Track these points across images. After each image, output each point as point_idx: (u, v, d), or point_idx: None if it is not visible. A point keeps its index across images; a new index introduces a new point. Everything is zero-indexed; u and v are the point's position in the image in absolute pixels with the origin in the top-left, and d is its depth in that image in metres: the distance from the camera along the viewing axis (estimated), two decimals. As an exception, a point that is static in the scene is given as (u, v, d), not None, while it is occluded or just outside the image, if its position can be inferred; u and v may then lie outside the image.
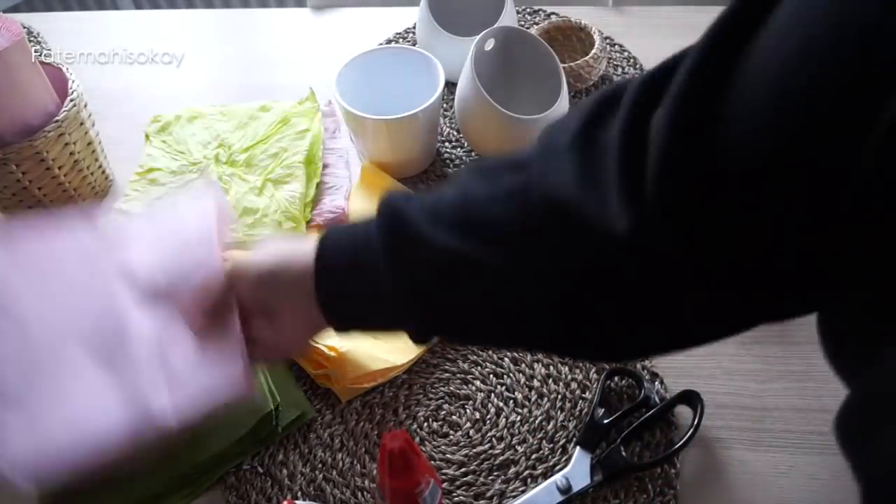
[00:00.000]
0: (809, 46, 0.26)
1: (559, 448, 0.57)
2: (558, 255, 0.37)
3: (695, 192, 0.31)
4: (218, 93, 0.89)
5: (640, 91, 0.34)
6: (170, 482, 0.55)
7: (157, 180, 0.76)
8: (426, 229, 0.40)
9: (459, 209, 0.40)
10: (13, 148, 0.65)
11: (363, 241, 0.43)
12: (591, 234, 0.35)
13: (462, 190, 0.41)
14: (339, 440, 0.58)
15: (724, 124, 0.29)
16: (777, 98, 0.27)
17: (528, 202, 0.38)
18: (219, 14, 1.10)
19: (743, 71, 0.29)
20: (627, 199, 0.32)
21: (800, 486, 0.54)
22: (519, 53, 0.78)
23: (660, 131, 0.31)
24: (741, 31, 0.29)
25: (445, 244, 0.39)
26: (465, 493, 0.55)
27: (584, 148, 0.36)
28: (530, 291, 0.39)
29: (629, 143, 0.33)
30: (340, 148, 0.80)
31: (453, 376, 0.61)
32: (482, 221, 0.39)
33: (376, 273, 0.42)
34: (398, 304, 0.43)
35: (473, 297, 0.41)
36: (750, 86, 0.28)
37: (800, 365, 0.60)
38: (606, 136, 0.35)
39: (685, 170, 0.30)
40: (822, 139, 0.26)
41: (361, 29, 0.96)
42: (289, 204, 0.71)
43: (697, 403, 0.55)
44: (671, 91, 0.31)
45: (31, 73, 0.67)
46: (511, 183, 0.39)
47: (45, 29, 0.99)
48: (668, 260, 0.33)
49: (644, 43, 0.90)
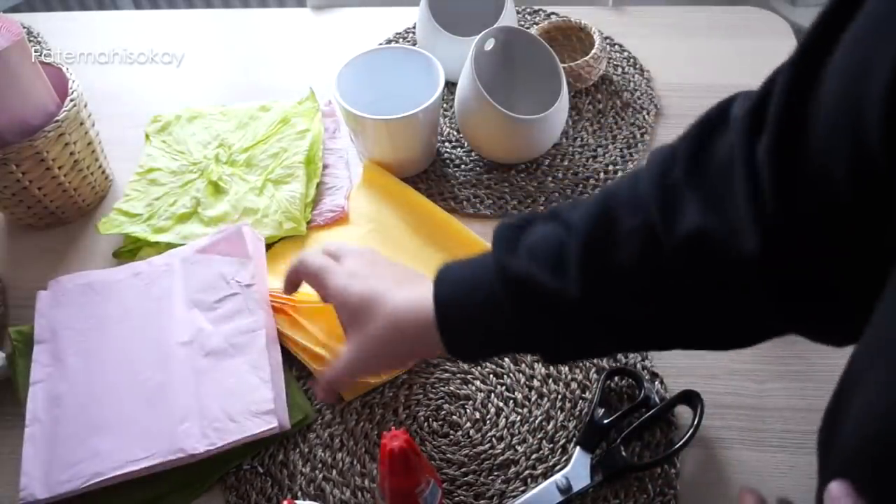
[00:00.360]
0: (860, 67, 0.28)
1: (559, 448, 0.57)
2: (690, 283, 0.40)
3: (800, 211, 0.33)
4: (218, 93, 0.89)
5: (747, 121, 0.37)
6: (170, 482, 0.55)
7: (157, 180, 0.76)
8: (550, 282, 0.43)
9: (581, 253, 0.42)
10: (13, 148, 0.65)
11: (487, 301, 0.45)
12: (723, 259, 0.37)
13: (579, 231, 0.43)
14: (339, 440, 0.58)
15: (813, 142, 0.32)
16: (836, 119, 0.30)
17: (653, 241, 0.40)
18: (219, 14, 1.10)
19: (820, 94, 0.32)
20: (756, 222, 0.35)
21: (800, 486, 0.54)
22: (519, 53, 0.78)
23: (766, 160, 0.34)
24: (822, 49, 0.32)
25: (572, 292, 0.42)
26: (465, 493, 0.55)
27: (700, 180, 0.39)
28: (659, 321, 0.43)
29: (752, 171, 0.35)
30: (340, 148, 0.80)
31: (453, 376, 0.61)
32: (606, 265, 0.42)
33: (506, 333, 0.46)
34: (525, 349, 0.51)
35: (599, 333, 0.45)
36: (823, 107, 0.31)
37: (800, 365, 0.60)
38: (720, 161, 0.38)
39: (791, 193, 0.33)
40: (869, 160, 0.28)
41: (361, 29, 0.96)
42: (289, 204, 0.71)
43: (697, 403, 0.55)
44: (769, 118, 0.34)
45: (31, 73, 0.67)
46: (630, 225, 0.41)
47: (45, 29, 0.99)
48: (787, 275, 0.36)
49: (644, 43, 0.90)
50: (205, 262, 0.65)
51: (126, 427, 0.56)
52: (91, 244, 0.74)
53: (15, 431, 0.58)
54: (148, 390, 0.58)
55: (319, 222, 0.72)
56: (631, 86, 0.85)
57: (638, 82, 0.85)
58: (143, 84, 0.92)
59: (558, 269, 0.42)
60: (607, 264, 0.42)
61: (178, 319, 0.62)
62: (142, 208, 0.73)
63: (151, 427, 0.56)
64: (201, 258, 0.65)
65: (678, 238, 0.38)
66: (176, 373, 0.59)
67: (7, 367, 0.62)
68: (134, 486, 0.55)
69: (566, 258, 0.42)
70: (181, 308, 0.63)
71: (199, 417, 0.56)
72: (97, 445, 0.55)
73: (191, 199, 0.73)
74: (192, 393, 0.57)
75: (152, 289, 0.64)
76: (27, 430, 0.57)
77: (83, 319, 0.63)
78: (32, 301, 0.65)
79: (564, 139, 0.80)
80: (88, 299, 0.64)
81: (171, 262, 0.66)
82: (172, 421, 0.56)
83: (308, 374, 0.62)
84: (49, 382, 0.59)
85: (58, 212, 0.74)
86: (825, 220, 0.33)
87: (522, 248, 0.44)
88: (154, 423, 0.56)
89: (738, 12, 0.94)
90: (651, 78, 0.86)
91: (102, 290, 0.65)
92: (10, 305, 0.69)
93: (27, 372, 0.60)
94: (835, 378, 0.36)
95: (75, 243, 0.74)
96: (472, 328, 0.46)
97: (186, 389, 0.57)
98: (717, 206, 0.37)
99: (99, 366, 0.60)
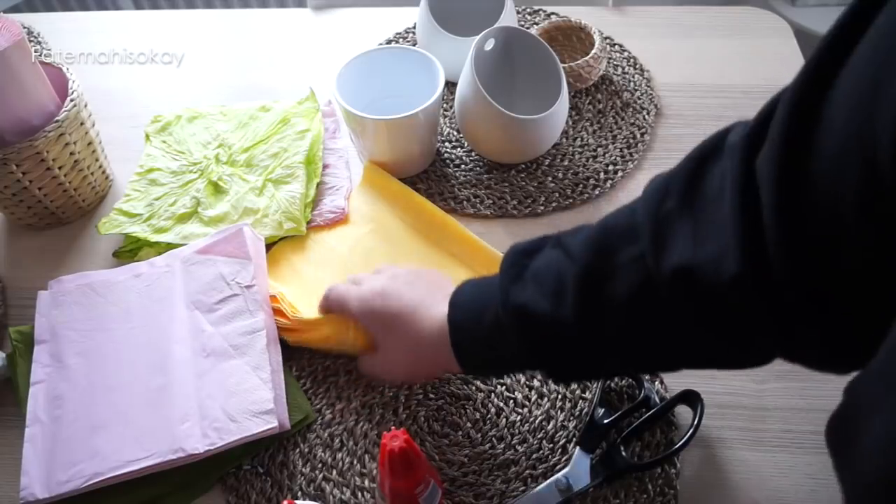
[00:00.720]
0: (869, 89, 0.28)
1: (559, 448, 0.57)
2: (684, 312, 0.40)
3: (805, 224, 0.33)
4: (218, 93, 0.89)
5: (744, 143, 0.37)
6: (170, 482, 0.55)
7: (157, 180, 0.76)
8: (549, 310, 0.44)
9: (579, 281, 0.44)
10: (13, 148, 0.65)
11: (493, 327, 0.48)
12: (710, 289, 0.37)
13: (578, 259, 0.44)
14: (339, 440, 0.58)
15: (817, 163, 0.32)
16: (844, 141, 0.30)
17: (647, 272, 0.41)
18: (219, 14, 1.10)
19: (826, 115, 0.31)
20: (742, 244, 0.35)
21: (800, 486, 0.54)
22: (519, 53, 0.78)
23: (766, 171, 0.34)
24: (828, 69, 0.31)
25: (570, 319, 0.44)
26: (465, 494, 0.55)
27: (694, 210, 0.39)
28: (660, 346, 0.45)
29: (742, 192, 0.36)
30: (340, 148, 0.80)
31: (454, 376, 0.61)
32: (603, 293, 0.43)
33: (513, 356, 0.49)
34: (534, 369, 0.55)
35: (602, 357, 0.47)
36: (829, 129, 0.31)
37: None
38: (712, 189, 0.38)
39: (794, 205, 0.33)
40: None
41: (361, 29, 0.96)
42: (289, 204, 0.71)
43: (697, 403, 0.55)
44: (771, 134, 0.34)
45: (31, 73, 0.67)
46: (627, 255, 0.42)
47: (45, 29, 0.99)
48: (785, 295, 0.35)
49: (644, 43, 0.90)
50: (205, 263, 0.65)
51: (126, 427, 0.56)
52: (91, 244, 0.74)
53: (15, 431, 0.58)
54: (148, 391, 0.58)
55: (319, 223, 0.72)
56: (631, 86, 0.85)
57: (638, 82, 0.85)
58: (143, 84, 0.92)
59: (557, 297, 0.44)
60: (604, 293, 0.43)
61: (179, 321, 0.62)
62: (142, 208, 0.73)
63: (151, 427, 0.56)
64: (202, 259, 0.65)
65: (665, 273, 0.39)
66: (176, 374, 0.59)
67: (7, 367, 0.62)
68: (134, 486, 0.55)
69: (565, 286, 0.44)
70: (182, 309, 0.63)
71: (200, 418, 0.56)
72: (97, 445, 0.55)
73: (191, 199, 0.73)
74: (193, 393, 0.57)
75: (153, 290, 0.64)
76: (27, 431, 0.57)
77: (84, 320, 0.63)
78: (32, 301, 0.65)
79: (564, 139, 0.80)
80: (89, 300, 0.64)
81: (172, 263, 0.66)
82: (173, 421, 0.56)
83: (308, 374, 0.62)
84: (49, 383, 0.59)
85: (58, 212, 0.74)
86: (828, 239, 0.32)
87: (528, 275, 0.47)
88: (154, 423, 0.56)
89: (738, 12, 0.94)
90: (651, 78, 0.86)
91: (103, 291, 0.65)
92: (10, 305, 0.69)
93: (27, 372, 0.60)
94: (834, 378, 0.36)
95: (75, 243, 0.74)
96: (482, 351, 0.50)
97: (186, 390, 0.57)
98: (705, 235, 0.38)
99: (99, 366, 0.60)
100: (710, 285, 0.37)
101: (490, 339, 0.48)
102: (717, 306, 0.38)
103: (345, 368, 0.62)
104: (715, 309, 0.38)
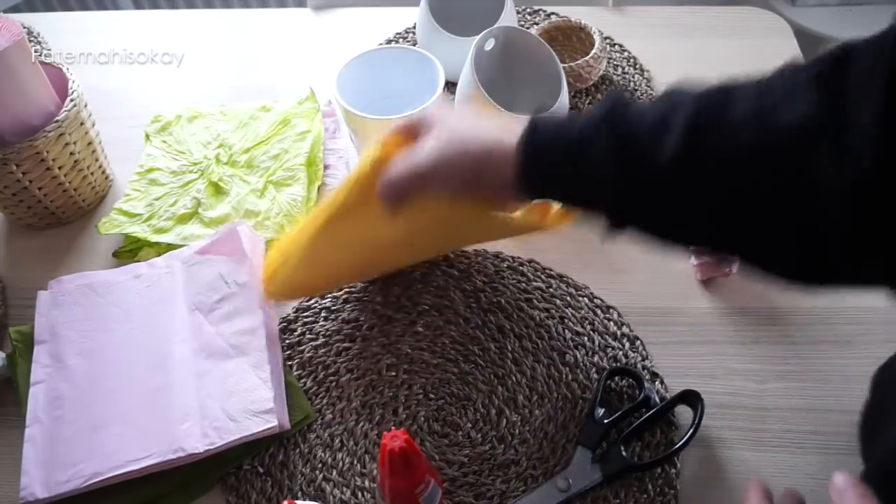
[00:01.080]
0: None
1: (559, 448, 0.57)
2: (793, 176, 0.39)
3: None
4: (218, 93, 0.89)
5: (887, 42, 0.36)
6: (170, 482, 0.55)
7: (157, 180, 0.76)
8: (656, 144, 0.42)
9: (691, 127, 0.42)
10: (13, 148, 0.65)
11: (584, 141, 0.45)
12: (834, 160, 0.37)
13: (689, 111, 0.42)
14: (339, 440, 0.58)
15: None
16: None
17: (768, 130, 0.39)
18: (219, 14, 1.10)
19: None
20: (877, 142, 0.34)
21: (800, 486, 0.53)
22: (519, 53, 0.78)
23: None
24: None
25: (675, 159, 0.41)
26: (465, 494, 0.55)
27: (824, 89, 0.38)
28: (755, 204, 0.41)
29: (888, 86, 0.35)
30: (340, 148, 0.80)
31: (454, 377, 0.61)
32: (717, 145, 0.41)
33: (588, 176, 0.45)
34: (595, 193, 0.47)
35: (693, 207, 0.44)
36: None
37: (800, 365, 0.60)
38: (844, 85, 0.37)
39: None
40: None
41: (361, 29, 0.96)
42: (291, 207, 0.71)
43: (697, 403, 0.55)
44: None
45: (31, 73, 0.67)
46: (745, 111, 0.41)
47: (45, 29, 0.99)
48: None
49: (644, 43, 0.90)
50: (205, 264, 0.65)
51: (126, 427, 0.56)
52: (91, 244, 0.74)
53: (15, 431, 0.58)
54: (148, 391, 0.58)
55: (319, 222, 0.72)
56: (631, 86, 0.85)
57: (638, 82, 0.85)
58: (143, 84, 0.92)
59: (665, 126, 0.42)
60: (718, 143, 0.41)
61: (179, 321, 0.62)
62: (142, 208, 0.73)
63: (151, 427, 0.56)
64: (201, 259, 0.66)
65: (792, 128, 0.38)
66: (176, 374, 0.59)
67: (7, 367, 0.62)
68: (134, 486, 0.55)
69: (674, 124, 0.42)
70: (182, 310, 0.63)
71: (200, 417, 0.56)
72: (97, 445, 0.55)
73: (191, 199, 0.73)
74: (193, 393, 0.57)
75: (153, 291, 0.64)
76: (27, 431, 0.57)
77: (84, 320, 0.63)
78: (32, 301, 0.65)
79: (564, 139, 0.80)
80: (89, 300, 0.64)
81: (172, 264, 0.66)
82: (172, 421, 0.56)
83: (308, 374, 0.62)
84: (49, 383, 0.59)
85: (58, 212, 0.74)
86: None
87: (632, 108, 0.45)
88: (154, 423, 0.56)
89: (738, 12, 0.94)
90: (651, 78, 0.86)
91: (103, 292, 0.65)
92: (10, 305, 0.69)
93: (27, 372, 0.60)
94: (834, 378, 0.36)
95: (75, 243, 0.74)
96: (554, 150, 0.47)
97: (186, 390, 0.57)
98: (837, 112, 0.37)
99: (99, 366, 0.60)
100: (856, 159, 0.36)
101: (577, 143, 0.46)
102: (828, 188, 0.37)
103: (345, 368, 0.62)
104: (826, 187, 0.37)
